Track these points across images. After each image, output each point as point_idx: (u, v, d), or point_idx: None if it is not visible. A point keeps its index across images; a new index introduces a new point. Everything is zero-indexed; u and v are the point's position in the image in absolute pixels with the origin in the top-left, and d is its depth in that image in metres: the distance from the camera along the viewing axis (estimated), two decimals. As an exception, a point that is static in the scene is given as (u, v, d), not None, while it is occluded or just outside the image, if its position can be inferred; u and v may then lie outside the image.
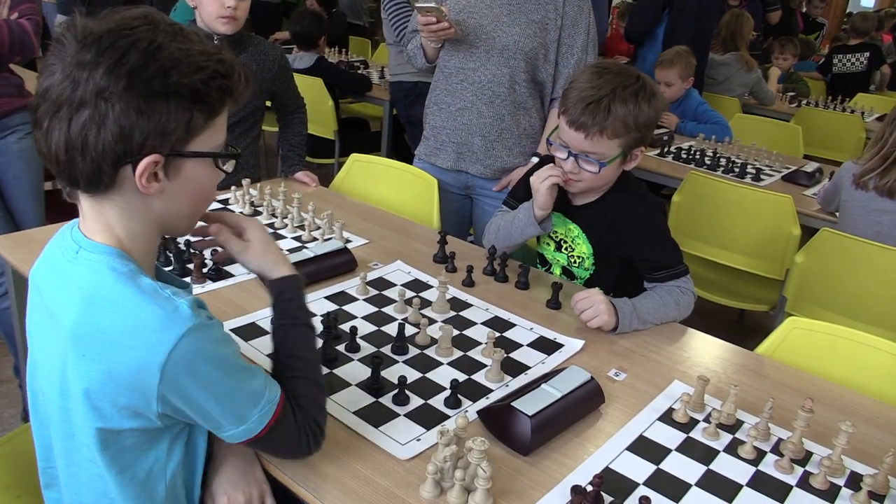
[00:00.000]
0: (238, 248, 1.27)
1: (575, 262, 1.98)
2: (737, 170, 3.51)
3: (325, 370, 1.47)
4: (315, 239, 2.13)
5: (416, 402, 1.40)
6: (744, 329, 3.75)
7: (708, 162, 3.59)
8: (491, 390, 1.46)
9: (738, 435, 1.40)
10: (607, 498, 1.18)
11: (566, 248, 1.99)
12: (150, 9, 1.00)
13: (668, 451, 1.33)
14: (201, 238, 1.28)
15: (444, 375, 1.49)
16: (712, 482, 1.26)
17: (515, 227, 1.95)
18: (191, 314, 0.97)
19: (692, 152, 3.69)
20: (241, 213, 2.29)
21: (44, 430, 1.14)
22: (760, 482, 1.28)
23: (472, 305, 1.80)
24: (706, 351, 1.71)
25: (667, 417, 1.43)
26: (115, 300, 0.97)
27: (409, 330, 1.64)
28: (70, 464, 1.08)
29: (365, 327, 1.65)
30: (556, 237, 2.00)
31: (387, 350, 1.57)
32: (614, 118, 1.71)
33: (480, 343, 1.62)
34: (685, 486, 1.24)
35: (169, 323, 0.95)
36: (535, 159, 2.50)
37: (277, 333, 1.23)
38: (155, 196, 1.01)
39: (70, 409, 1.03)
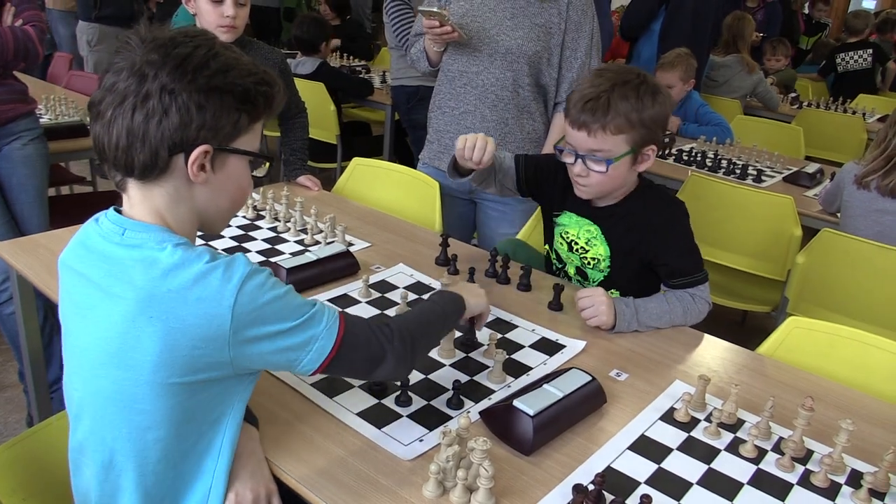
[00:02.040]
0: None
1: (589, 263, 1.97)
2: (738, 171, 3.52)
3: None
4: (318, 242, 2.15)
5: (418, 402, 1.41)
6: (746, 330, 3.75)
7: (709, 163, 3.59)
8: (493, 391, 1.47)
9: (739, 434, 1.40)
10: (609, 497, 1.18)
11: (578, 250, 1.98)
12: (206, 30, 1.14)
13: (670, 450, 1.34)
14: None
15: (446, 376, 1.50)
16: (714, 481, 1.27)
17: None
18: (245, 261, 1.08)
19: (693, 154, 3.69)
20: (243, 216, 2.30)
21: (84, 411, 1.16)
22: (761, 481, 1.28)
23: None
24: (707, 351, 1.72)
25: (668, 417, 1.44)
26: (176, 262, 1.05)
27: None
28: (123, 437, 1.11)
29: (367, 329, 1.66)
30: (568, 237, 1.99)
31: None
32: (615, 113, 1.70)
33: (483, 344, 1.63)
34: (687, 485, 1.25)
35: (230, 270, 1.05)
36: None
37: (419, 305, 1.39)
38: (200, 186, 1.12)
39: (128, 380, 1.07)
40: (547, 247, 2.13)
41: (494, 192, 2.09)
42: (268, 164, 1.23)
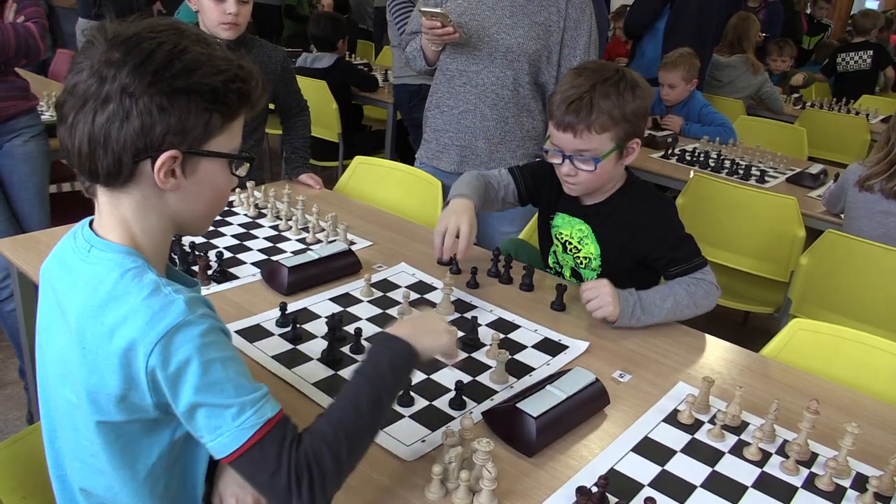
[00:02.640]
0: None
1: (581, 262, 1.98)
2: (741, 171, 3.51)
3: (329, 371, 1.48)
4: (319, 241, 2.14)
5: (420, 403, 1.40)
6: (748, 332, 3.74)
7: (712, 164, 3.58)
8: (496, 392, 1.46)
9: (743, 436, 1.39)
10: (612, 499, 1.18)
11: (571, 250, 1.99)
12: (177, 20, 1.05)
13: (673, 452, 1.33)
14: None
15: (448, 377, 1.49)
16: (717, 483, 1.26)
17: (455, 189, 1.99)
18: (185, 309, 0.97)
19: (696, 154, 3.69)
20: (245, 215, 2.30)
21: (51, 424, 1.14)
22: (766, 484, 1.27)
23: (476, 307, 1.81)
24: (711, 352, 1.71)
25: (672, 419, 1.43)
26: (117, 295, 0.99)
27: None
28: (76, 458, 1.10)
29: (369, 329, 1.65)
30: (562, 238, 2.01)
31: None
32: (598, 112, 1.72)
33: (485, 345, 1.62)
34: (690, 488, 1.24)
35: (161, 315, 0.96)
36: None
37: (353, 378, 1.13)
38: (171, 192, 1.05)
39: (74, 405, 1.04)
40: (541, 249, 2.14)
41: (497, 210, 2.11)
42: (247, 163, 1.14)
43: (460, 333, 1.62)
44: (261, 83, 1.09)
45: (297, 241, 2.15)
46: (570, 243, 1.99)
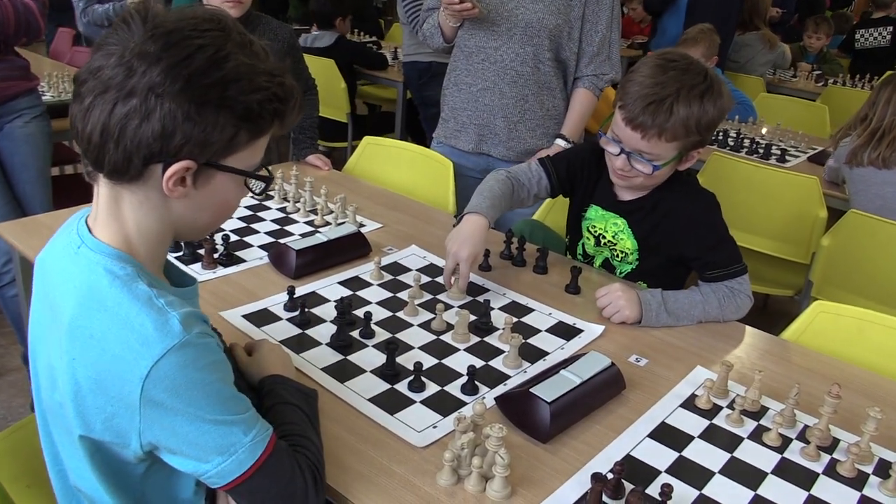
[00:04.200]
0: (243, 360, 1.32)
1: (617, 256, 1.95)
2: (761, 151, 3.49)
3: (339, 356, 1.48)
4: (328, 223, 2.14)
5: (432, 388, 1.40)
6: (768, 315, 3.74)
7: (731, 143, 3.57)
8: (509, 376, 1.47)
9: (762, 422, 1.39)
10: (628, 486, 1.18)
11: (606, 243, 1.96)
12: (224, 13, 1.00)
13: (691, 438, 1.33)
14: None
15: (460, 361, 1.49)
16: (736, 470, 1.26)
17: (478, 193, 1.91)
18: (180, 330, 0.94)
19: (715, 133, 3.66)
20: (251, 196, 2.30)
21: (45, 420, 1.13)
22: (786, 470, 1.27)
23: (489, 290, 1.81)
24: (730, 336, 1.71)
25: (689, 404, 1.43)
26: (107, 304, 0.95)
27: (425, 315, 1.66)
28: (71, 457, 1.07)
29: (379, 313, 1.66)
30: (595, 231, 1.97)
31: (403, 336, 1.57)
32: (675, 121, 1.64)
33: (498, 329, 1.62)
34: (708, 474, 1.24)
35: (156, 336, 0.93)
36: (562, 142, 2.49)
37: (269, 416, 1.14)
38: (177, 200, 1.01)
39: (63, 410, 1.01)
40: (567, 239, 2.12)
41: (528, 205, 2.06)
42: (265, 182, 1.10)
43: (472, 317, 1.62)
44: (298, 103, 1.05)
45: (305, 223, 2.15)
46: (605, 237, 1.95)
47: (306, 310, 1.61)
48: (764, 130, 3.92)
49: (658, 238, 1.86)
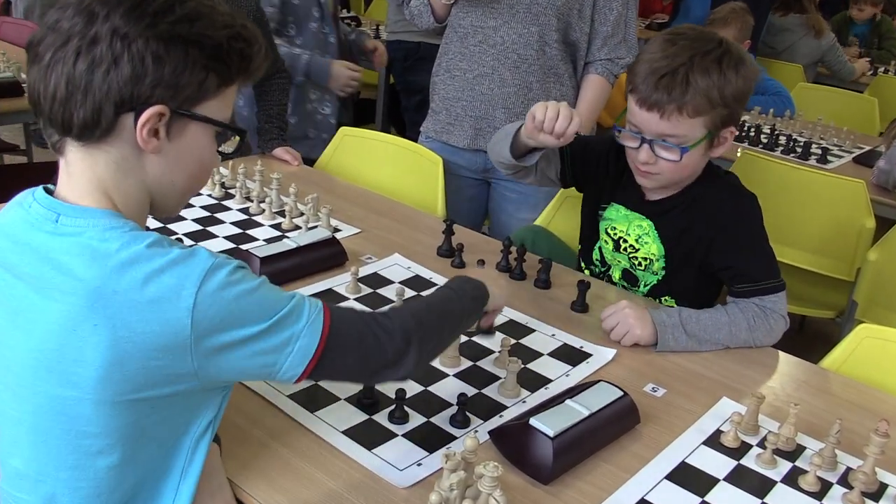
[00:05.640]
0: None
1: (640, 264, 1.95)
2: (799, 149, 3.51)
3: (308, 382, 1.47)
4: (298, 227, 2.15)
5: (416, 420, 1.41)
6: (805, 339, 3.75)
7: (764, 140, 3.59)
8: (505, 407, 1.47)
9: (798, 463, 1.40)
10: (643, 535, 1.18)
11: (626, 249, 1.96)
12: None
13: (716, 480, 1.34)
14: None
15: (449, 389, 1.50)
16: (767, 518, 1.27)
17: (501, 134, 1.92)
18: (208, 254, 1.05)
19: (746, 128, 3.69)
20: (209, 195, 2.30)
21: (25, 430, 1.12)
22: (825, 518, 1.28)
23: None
24: (761, 363, 1.72)
25: (714, 441, 1.44)
26: (123, 258, 1.01)
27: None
28: (64, 466, 1.09)
29: (356, 332, 1.66)
30: (615, 234, 1.97)
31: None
32: (694, 92, 1.66)
33: (493, 351, 1.63)
34: (735, 523, 1.25)
35: (188, 265, 1.02)
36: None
37: (437, 290, 1.41)
38: (152, 156, 1.09)
39: (71, 398, 1.04)
40: (580, 245, 2.12)
41: (532, 182, 2.07)
42: (238, 138, 1.22)
43: (463, 338, 1.63)
44: (263, 49, 1.15)
45: (271, 226, 2.16)
46: (626, 241, 1.96)
47: (271, 327, 1.61)
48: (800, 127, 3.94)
49: (689, 243, 1.87)
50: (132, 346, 1.00)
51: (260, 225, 2.16)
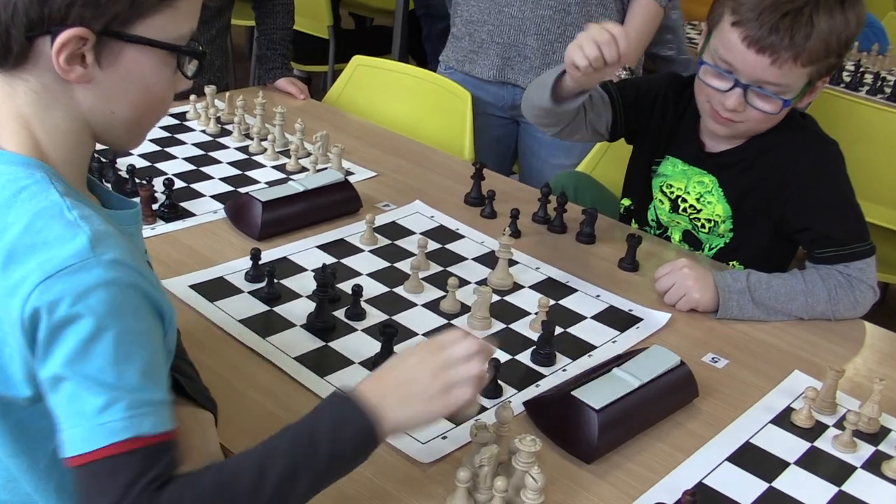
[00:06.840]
0: None
1: (703, 225, 1.94)
2: (888, 90, 3.47)
3: (318, 342, 1.49)
4: (305, 169, 2.15)
5: (441, 388, 1.41)
6: (889, 308, 3.73)
7: (847, 78, 3.55)
8: (543, 375, 1.48)
9: (882, 447, 1.40)
10: (700, 523, 1.19)
11: (686, 209, 1.94)
12: None
13: (786, 464, 1.34)
14: None
15: (479, 355, 1.50)
16: (845, 508, 1.27)
17: (541, 80, 1.83)
18: (86, 248, 0.95)
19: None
20: (203, 132, 2.30)
21: None
22: (911, 509, 1.28)
23: (517, 263, 1.82)
24: (841, 333, 1.71)
25: (784, 420, 1.44)
26: (7, 221, 0.97)
27: (433, 293, 1.67)
28: None
29: (372, 287, 1.67)
30: (672, 193, 1.95)
31: (404, 318, 1.58)
32: (817, 37, 1.63)
33: (529, 313, 1.63)
34: (807, 512, 1.26)
35: (55, 245, 0.95)
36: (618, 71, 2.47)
37: (278, 433, 1.08)
38: (80, 85, 1.03)
39: None
40: (627, 202, 2.10)
41: (581, 138, 2.00)
42: (196, 60, 1.12)
43: (496, 297, 1.63)
44: None
45: (274, 167, 2.16)
46: (685, 201, 1.94)
47: (276, 281, 1.62)
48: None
49: (759, 201, 1.85)
50: None
51: (261, 166, 2.17)
